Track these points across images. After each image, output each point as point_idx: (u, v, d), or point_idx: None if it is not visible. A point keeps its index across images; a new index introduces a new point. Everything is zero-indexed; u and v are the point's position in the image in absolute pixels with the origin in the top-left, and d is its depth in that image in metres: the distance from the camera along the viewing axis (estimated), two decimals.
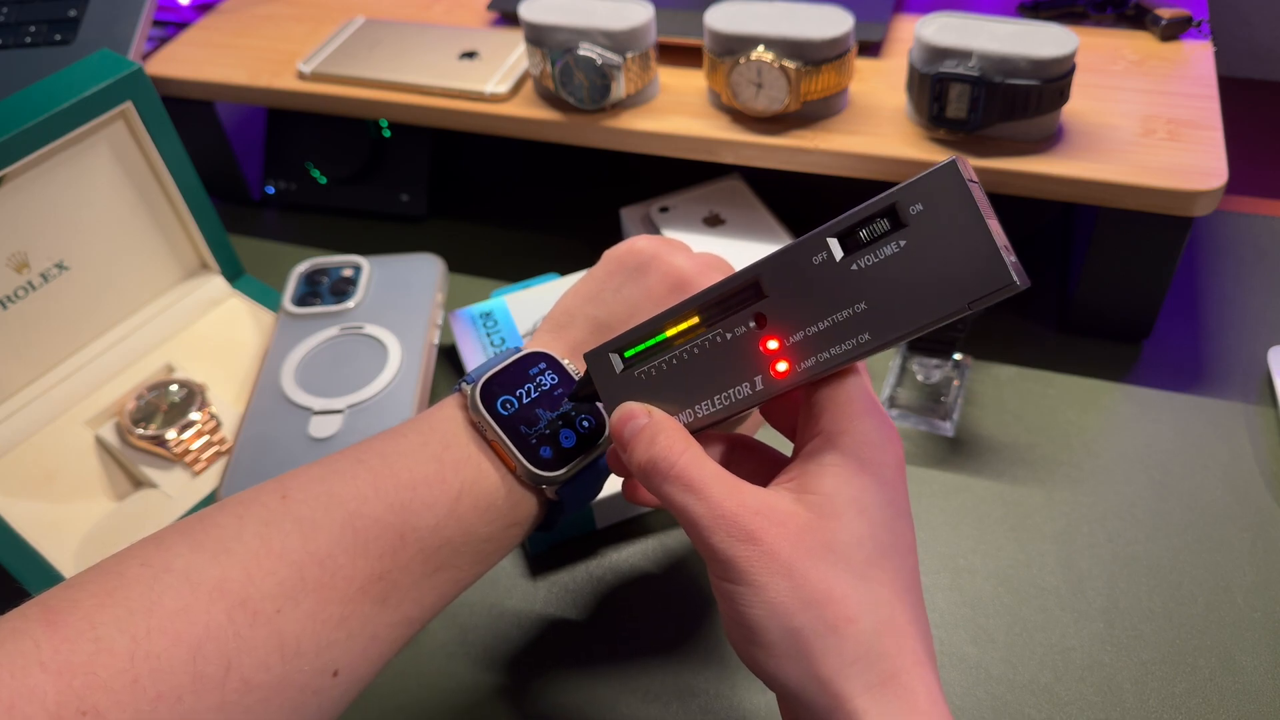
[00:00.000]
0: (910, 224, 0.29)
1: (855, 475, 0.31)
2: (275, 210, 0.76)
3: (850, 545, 0.30)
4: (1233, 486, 0.52)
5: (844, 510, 0.30)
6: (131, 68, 0.52)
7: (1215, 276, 0.64)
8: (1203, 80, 0.59)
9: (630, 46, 0.58)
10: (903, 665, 0.30)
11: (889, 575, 0.30)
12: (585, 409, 0.38)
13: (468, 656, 0.47)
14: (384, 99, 0.65)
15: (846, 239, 0.30)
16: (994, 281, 0.28)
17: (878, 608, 0.30)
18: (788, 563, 0.30)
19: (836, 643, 0.29)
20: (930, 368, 0.56)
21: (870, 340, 0.30)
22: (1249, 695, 0.44)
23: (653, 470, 0.32)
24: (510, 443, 0.36)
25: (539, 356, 0.38)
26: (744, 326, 0.32)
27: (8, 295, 0.52)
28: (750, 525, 0.30)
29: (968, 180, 0.29)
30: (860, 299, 0.30)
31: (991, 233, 0.28)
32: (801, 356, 0.31)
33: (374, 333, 0.56)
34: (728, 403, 0.33)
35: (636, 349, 0.35)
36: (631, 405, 0.34)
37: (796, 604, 0.30)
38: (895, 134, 0.57)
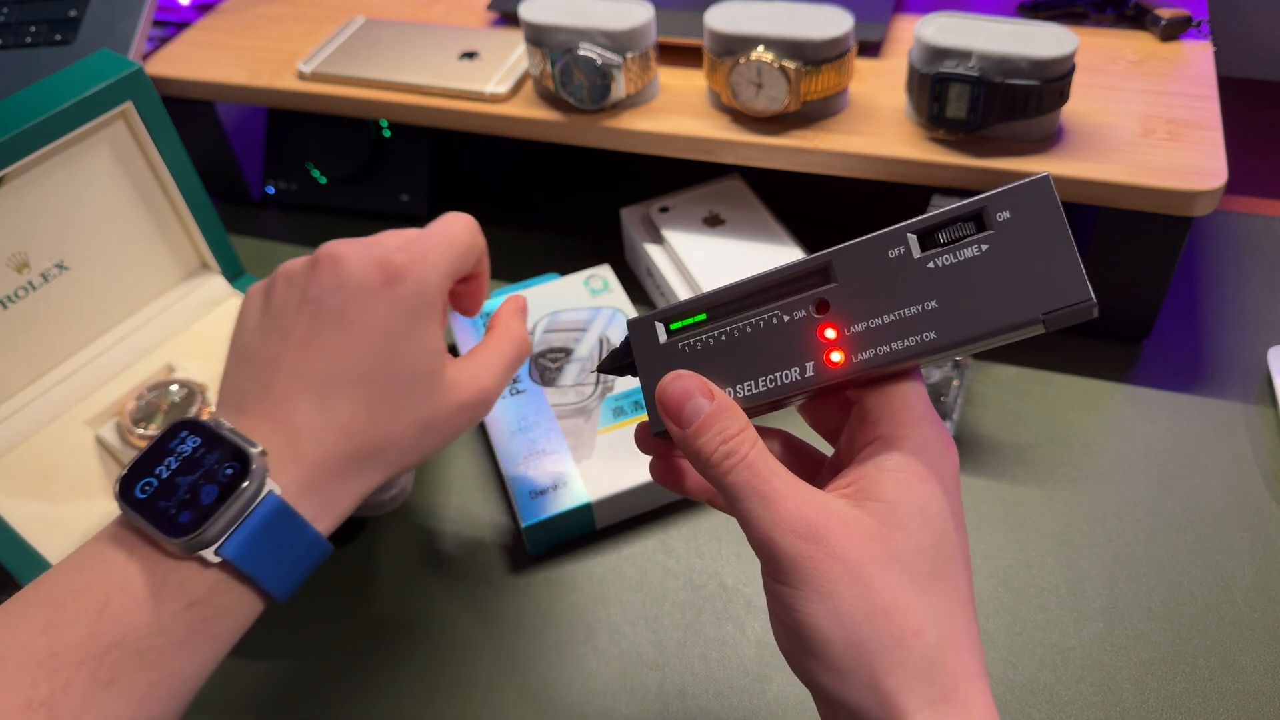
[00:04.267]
0: (995, 229, 0.29)
1: (919, 483, 0.30)
2: (275, 210, 0.76)
3: (915, 555, 0.29)
4: (1232, 486, 0.52)
5: (909, 519, 0.30)
6: (132, 68, 0.52)
7: (1215, 276, 0.64)
8: (1202, 80, 0.59)
9: (630, 47, 0.58)
10: (962, 680, 0.29)
11: (950, 587, 0.30)
12: (228, 456, 0.35)
13: (468, 656, 0.47)
14: (384, 99, 0.65)
15: (926, 237, 0.30)
16: (1073, 295, 0.28)
17: (939, 620, 0.29)
18: (854, 568, 0.29)
19: (902, 656, 0.28)
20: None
21: (935, 340, 0.30)
22: (1249, 695, 0.44)
23: (721, 459, 0.31)
24: (146, 522, 0.34)
25: (179, 427, 0.36)
26: (804, 311, 0.32)
27: (8, 295, 0.52)
28: (818, 526, 0.29)
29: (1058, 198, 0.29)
30: (932, 297, 0.30)
31: (1076, 249, 0.28)
32: (859, 348, 0.31)
33: None
34: (773, 386, 0.32)
35: (685, 321, 0.34)
36: (690, 379, 0.32)
37: (862, 614, 0.29)
38: (895, 134, 0.57)
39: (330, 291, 0.38)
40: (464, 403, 0.40)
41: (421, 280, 0.39)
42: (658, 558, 0.51)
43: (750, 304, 0.33)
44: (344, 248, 0.39)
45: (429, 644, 0.48)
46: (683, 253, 0.60)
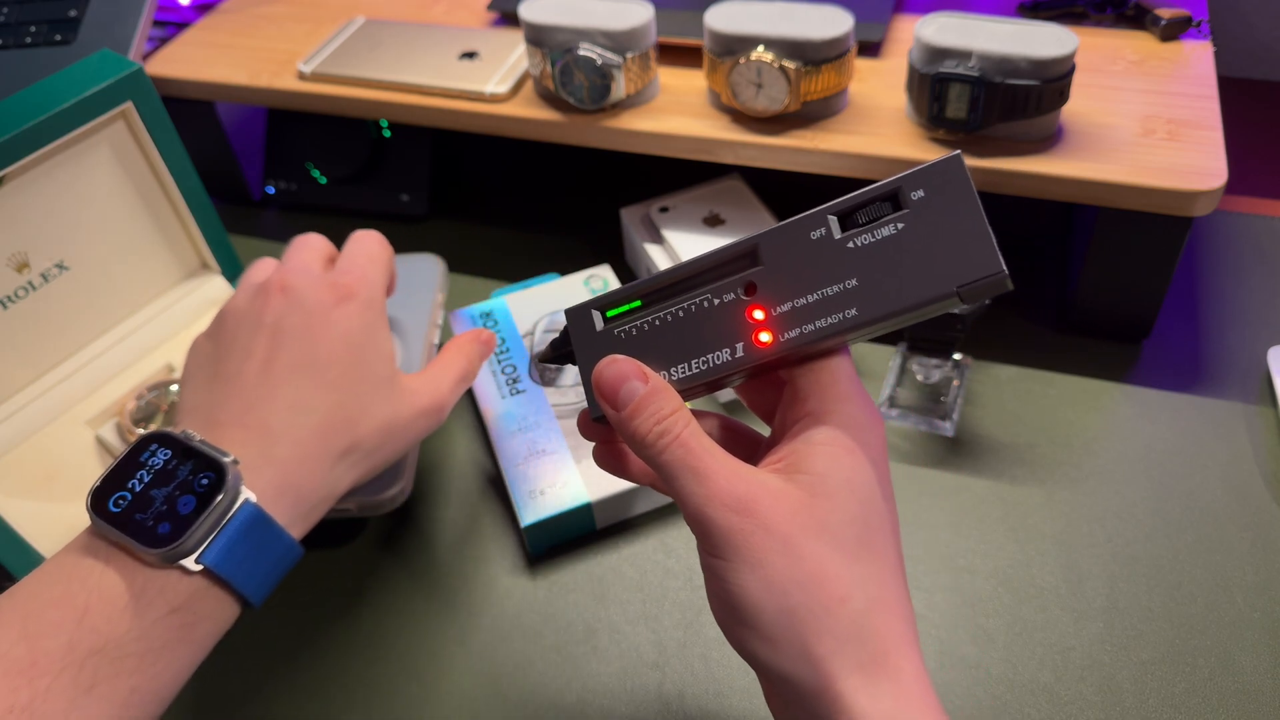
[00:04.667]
0: (910, 208, 0.30)
1: (846, 455, 0.31)
2: (276, 210, 0.76)
3: (842, 525, 0.30)
4: (1232, 486, 0.52)
5: (836, 490, 0.31)
6: (132, 68, 0.52)
7: (1215, 276, 0.64)
8: (1202, 80, 0.59)
9: (630, 47, 0.58)
10: (891, 644, 0.30)
11: (878, 555, 0.31)
12: (202, 467, 0.36)
13: (468, 656, 0.47)
14: (384, 99, 0.65)
15: (846, 218, 0.31)
16: (985, 268, 0.29)
17: (867, 587, 0.30)
18: (783, 538, 0.30)
19: (831, 623, 0.29)
20: (930, 368, 0.56)
21: (857, 316, 0.31)
22: (1248, 695, 0.44)
23: (655, 438, 0.32)
24: (124, 535, 0.34)
25: (148, 440, 0.37)
26: (733, 294, 0.33)
27: (8, 295, 0.52)
28: (748, 500, 0.30)
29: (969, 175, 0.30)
30: (853, 275, 0.31)
31: (987, 223, 0.29)
32: (786, 328, 0.32)
33: None
34: (705, 367, 0.33)
35: (620, 309, 0.35)
36: (624, 363, 0.33)
37: (792, 583, 0.30)
38: (895, 134, 0.57)
39: (287, 315, 0.40)
40: (423, 408, 0.43)
41: (370, 294, 0.43)
42: (658, 558, 0.51)
43: (683, 289, 0.34)
44: (290, 276, 0.42)
45: (429, 644, 0.48)
46: (683, 253, 0.60)
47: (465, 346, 0.47)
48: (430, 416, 0.44)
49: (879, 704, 0.29)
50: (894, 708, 0.29)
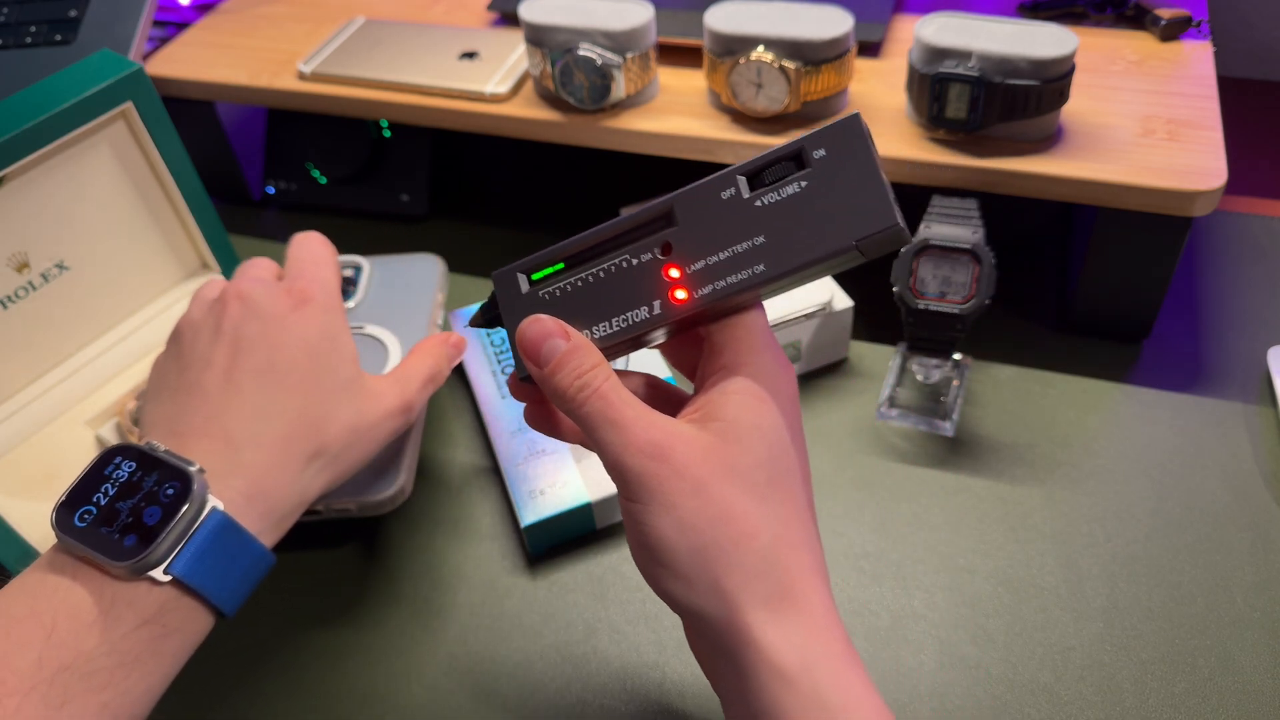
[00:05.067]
0: (813, 167, 0.32)
1: (756, 403, 0.33)
2: (276, 210, 0.76)
3: (751, 467, 0.32)
4: (1232, 486, 0.52)
5: (746, 435, 0.32)
6: (132, 68, 0.52)
7: (1215, 277, 0.64)
8: (1202, 80, 0.59)
9: (630, 47, 0.58)
10: (797, 578, 0.32)
11: (786, 495, 0.32)
12: (168, 477, 0.36)
13: (468, 656, 0.48)
14: (384, 99, 0.65)
15: (754, 178, 0.33)
16: (880, 221, 0.31)
17: (774, 524, 0.32)
18: (695, 481, 0.31)
19: (739, 558, 0.31)
20: (930, 368, 0.56)
21: (765, 272, 0.32)
22: (1248, 695, 0.44)
23: (575, 392, 0.33)
24: (90, 549, 0.34)
25: (112, 453, 0.37)
26: (650, 254, 0.34)
27: (8, 295, 0.52)
28: (662, 446, 0.32)
29: (868, 134, 0.31)
30: (760, 233, 0.32)
31: (884, 180, 0.31)
32: (699, 285, 0.33)
33: (374, 333, 0.56)
34: (625, 325, 0.34)
35: (544, 271, 0.36)
36: (546, 321, 0.34)
37: (703, 521, 0.31)
38: (895, 134, 0.57)
39: (244, 323, 0.41)
40: (390, 408, 0.43)
41: (326, 297, 0.43)
42: None
43: (603, 250, 0.35)
44: (245, 286, 0.42)
45: (428, 643, 0.48)
46: None
47: (434, 348, 0.48)
48: (397, 417, 0.44)
49: (784, 634, 0.31)
50: (799, 637, 0.31)
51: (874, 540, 0.51)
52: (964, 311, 0.52)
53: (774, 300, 0.56)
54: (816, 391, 0.58)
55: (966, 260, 0.53)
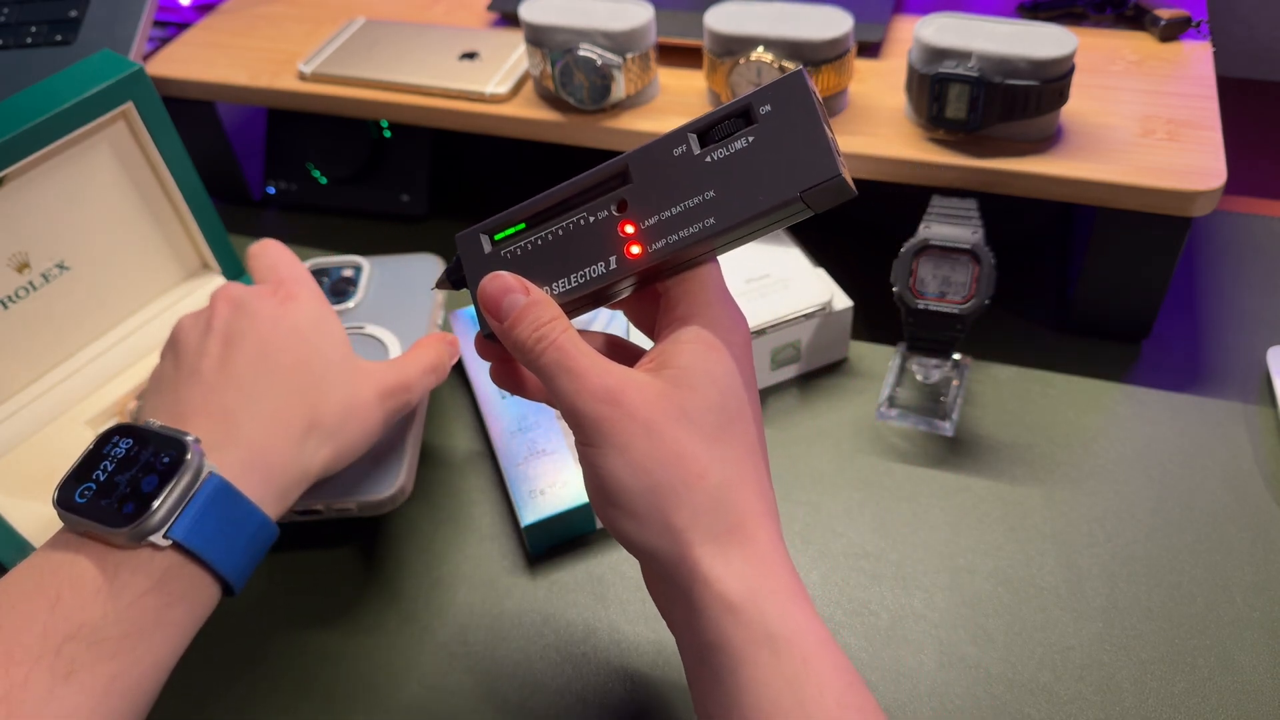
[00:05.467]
0: (759, 122, 0.33)
1: (708, 351, 0.34)
2: (276, 210, 0.76)
3: (702, 411, 0.33)
4: (1232, 486, 0.52)
5: (698, 381, 0.33)
6: (132, 68, 0.52)
7: (1214, 277, 0.64)
8: (1202, 80, 0.59)
9: (630, 47, 0.58)
10: (746, 517, 0.33)
11: (736, 439, 0.34)
12: (163, 448, 0.37)
13: (468, 656, 0.48)
14: (384, 99, 0.65)
15: (705, 134, 0.34)
16: (823, 173, 0.32)
17: (724, 466, 0.33)
18: (647, 424, 0.32)
19: (689, 496, 0.32)
20: (930, 368, 0.56)
21: (714, 225, 0.33)
22: (1248, 694, 0.44)
23: (534, 343, 0.34)
24: (90, 521, 0.35)
25: (111, 432, 0.38)
26: (606, 211, 0.35)
27: (8, 295, 0.52)
28: (615, 391, 0.33)
29: (811, 88, 0.32)
30: (710, 187, 0.33)
31: (827, 133, 0.32)
32: (653, 239, 0.34)
33: (375, 333, 0.56)
34: (584, 280, 0.35)
35: (506, 231, 0.37)
36: (506, 277, 0.35)
37: (654, 462, 0.32)
38: (894, 134, 0.57)
39: (234, 319, 0.42)
40: (386, 387, 0.45)
41: (309, 291, 0.45)
42: None
43: (563, 209, 0.36)
44: (234, 291, 0.44)
45: (429, 644, 0.48)
46: None
47: (434, 343, 0.49)
48: (394, 397, 0.45)
49: (732, 568, 0.32)
50: (745, 571, 0.32)
51: (874, 540, 0.51)
52: (964, 311, 0.52)
53: (774, 300, 0.56)
54: (816, 391, 0.59)
55: (966, 260, 0.53)
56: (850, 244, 0.64)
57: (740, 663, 0.31)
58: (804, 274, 0.58)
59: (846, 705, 0.31)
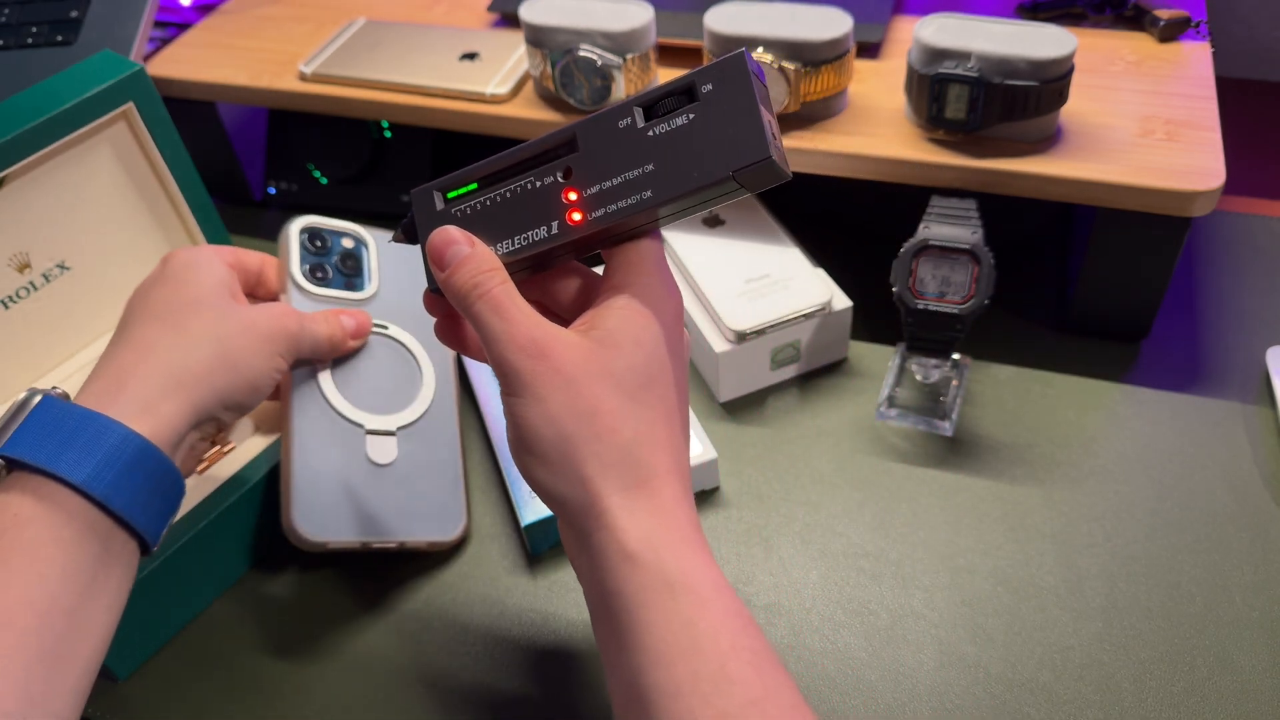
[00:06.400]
0: (701, 100, 0.34)
1: (637, 316, 0.36)
2: (277, 211, 0.76)
3: (625, 371, 0.35)
4: (1231, 486, 0.52)
5: (623, 342, 0.35)
6: (133, 68, 0.52)
7: (1213, 277, 0.64)
8: (1201, 81, 0.59)
9: (630, 48, 0.58)
10: (655, 472, 0.35)
11: (654, 399, 0.35)
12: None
13: (468, 655, 0.48)
14: (385, 100, 0.65)
15: (650, 109, 0.35)
16: (754, 154, 0.33)
17: (639, 424, 0.35)
18: (569, 379, 0.34)
19: (600, 449, 0.34)
20: (929, 368, 0.56)
21: (651, 198, 0.34)
22: (1247, 694, 0.44)
23: (470, 289, 0.36)
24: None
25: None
26: (553, 177, 0.36)
27: (9, 295, 0.52)
28: (542, 344, 0.35)
29: (753, 71, 0.33)
30: (649, 160, 0.35)
31: (761, 115, 0.33)
32: (593, 207, 0.36)
33: (401, 338, 0.54)
34: (527, 242, 0.37)
35: (459, 190, 0.38)
36: (453, 230, 0.37)
37: (570, 414, 0.34)
38: (894, 135, 0.57)
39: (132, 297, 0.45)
40: (261, 330, 0.45)
41: (187, 252, 0.46)
42: None
43: (513, 172, 0.37)
44: None
45: (428, 642, 0.48)
46: (683, 253, 0.60)
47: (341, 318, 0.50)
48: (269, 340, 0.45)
49: (635, 519, 0.34)
50: (648, 522, 0.34)
51: (873, 540, 0.51)
52: (963, 311, 0.53)
53: (774, 300, 0.56)
54: (816, 391, 0.59)
55: (965, 260, 0.53)
56: (850, 244, 0.64)
57: (639, 606, 0.33)
58: (804, 274, 0.58)
59: (739, 647, 0.32)
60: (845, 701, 0.45)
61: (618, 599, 0.33)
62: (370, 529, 0.47)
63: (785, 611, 0.48)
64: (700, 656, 0.32)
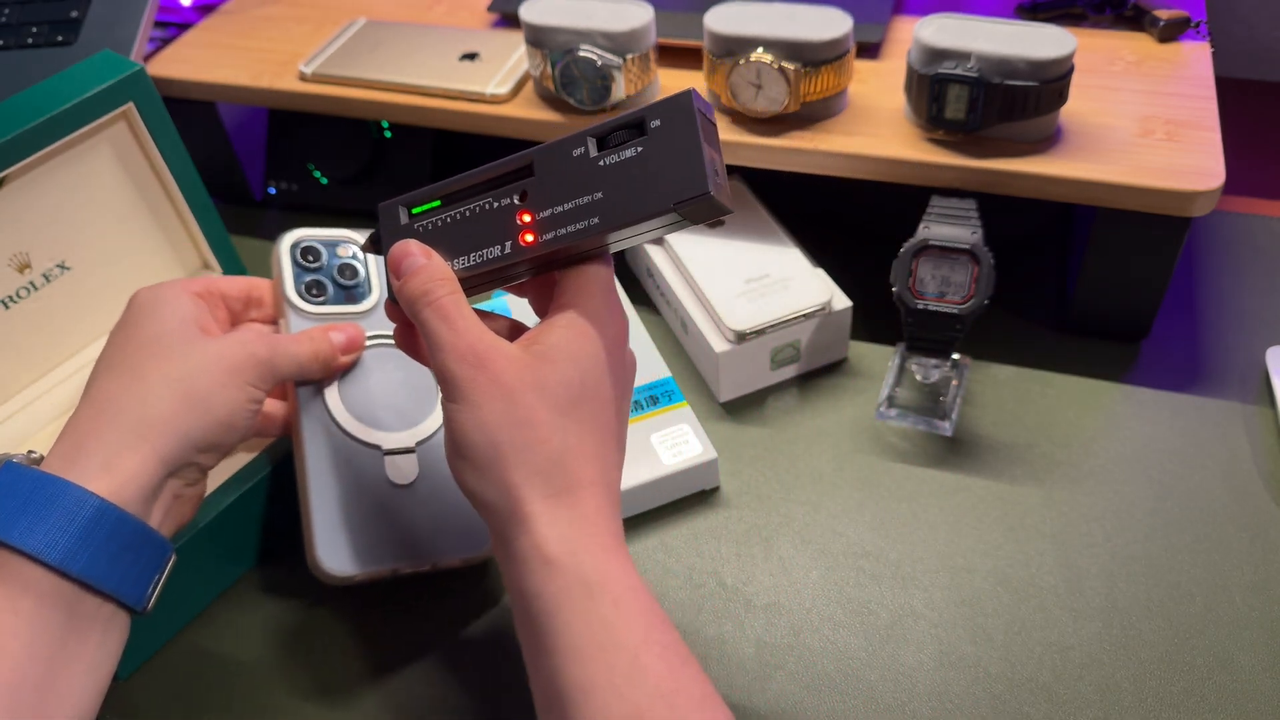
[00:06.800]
0: (649, 134, 0.36)
1: (578, 335, 0.37)
2: (277, 211, 0.76)
3: (559, 386, 0.36)
4: (1231, 486, 0.52)
5: (560, 359, 0.36)
6: (133, 69, 0.52)
7: (1213, 277, 0.64)
8: (1200, 81, 0.59)
9: (630, 48, 0.58)
10: (579, 483, 0.36)
11: (587, 415, 0.37)
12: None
13: (468, 655, 0.48)
14: (385, 100, 0.65)
15: (603, 140, 0.37)
16: (695, 189, 0.34)
17: (568, 436, 0.36)
18: (505, 389, 0.36)
19: (528, 457, 0.35)
20: (929, 368, 0.56)
21: (598, 224, 0.36)
22: (1246, 694, 0.44)
23: (420, 296, 0.37)
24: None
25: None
26: (509, 199, 0.38)
27: (9, 295, 0.52)
28: (484, 356, 0.36)
29: (698, 109, 0.35)
30: (599, 189, 0.36)
31: (703, 152, 0.34)
32: (544, 230, 0.37)
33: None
34: (482, 260, 0.39)
35: (422, 206, 0.40)
36: (411, 244, 0.39)
37: (503, 423, 0.35)
38: (894, 135, 0.57)
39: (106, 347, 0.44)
40: (227, 363, 0.42)
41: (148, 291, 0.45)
42: (657, 557, 0.51)
43: (474, 192, 0.39)
44: None
45: (429, 643, 0.48)
46: (683, 253, 0.60)
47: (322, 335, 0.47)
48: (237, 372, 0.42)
49: (556, 527, 0.35)
50: (568, 531, 0.35)
51: (873, 539, 0.51)
52: (963, 311, 0.53)
53: (773, 300, 0.56)
54: (816, 391, 0.59)
55: (965, 260, 0.53)
56: (850, 244, 0.64)
57: (557, 608, 0.34)
58: (804, 274, 0.58)
59: (651, 642, 0.34)
60: (845, 701, 0.45)
61: (538, 601, 0.35)
62: (400, 554, 0.46)
63: (785, 611, 0.48)
64: (614, 652, 0.33)
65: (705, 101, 0.35)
